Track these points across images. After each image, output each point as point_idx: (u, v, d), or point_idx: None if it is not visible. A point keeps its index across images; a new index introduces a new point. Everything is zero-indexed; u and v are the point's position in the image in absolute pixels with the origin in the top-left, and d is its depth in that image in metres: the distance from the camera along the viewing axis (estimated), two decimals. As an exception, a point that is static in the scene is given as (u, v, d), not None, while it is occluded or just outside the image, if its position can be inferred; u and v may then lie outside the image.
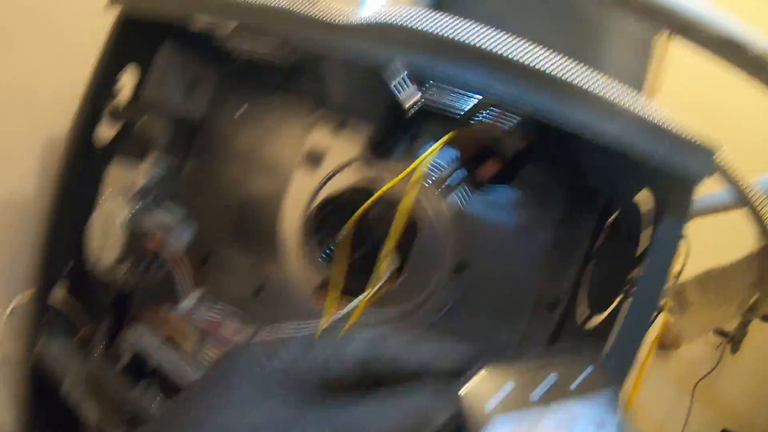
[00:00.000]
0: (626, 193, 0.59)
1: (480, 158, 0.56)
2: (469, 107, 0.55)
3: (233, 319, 0.67)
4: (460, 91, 0.57)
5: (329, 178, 0.68)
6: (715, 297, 0.62)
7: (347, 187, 0.66)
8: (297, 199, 0.69)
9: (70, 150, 0.66)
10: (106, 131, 0.69)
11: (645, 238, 0.55)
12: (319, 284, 0.64)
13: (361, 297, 0.56)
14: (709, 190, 0.53)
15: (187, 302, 0.60)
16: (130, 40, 0.65)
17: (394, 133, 0.67)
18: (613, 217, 0.65)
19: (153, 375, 0.67)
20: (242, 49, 0.66)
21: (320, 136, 0.68)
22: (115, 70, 0.67)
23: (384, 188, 0.53)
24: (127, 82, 0.69)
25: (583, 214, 0.65)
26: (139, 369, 0.66)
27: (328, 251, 0.65)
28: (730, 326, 0.87)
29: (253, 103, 0.76)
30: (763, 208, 0.48)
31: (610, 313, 0.58)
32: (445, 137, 0.51)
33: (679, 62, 0.70)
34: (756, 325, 0.73)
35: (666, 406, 1.02)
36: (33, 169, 0.78)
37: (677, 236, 0.47)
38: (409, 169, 0.51)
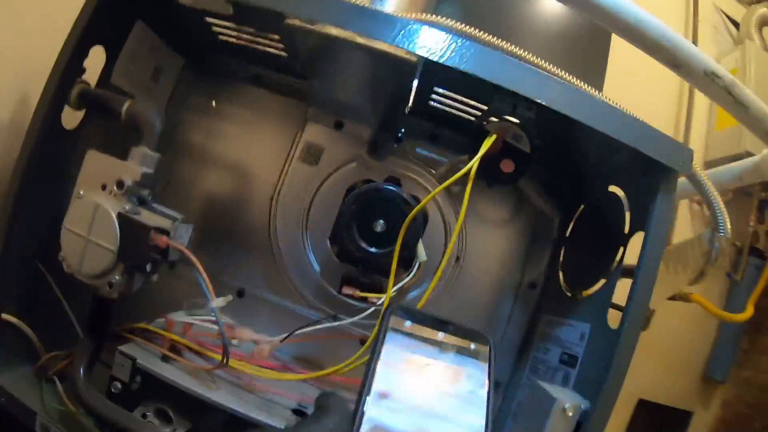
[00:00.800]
0: (600, 189, 0.68)
1: (494, 158, 0.59)
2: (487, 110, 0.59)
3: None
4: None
5: (329, 175, 0.66)
6: (674, 266, 0.73)
7: (350, 185, 0.66)
8: (297, 192, 0.66)
9: (36, 131, 0.56)
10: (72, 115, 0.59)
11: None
12: (343, 280, 0.62)
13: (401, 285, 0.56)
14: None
15: (218, 301, 0.53)
16: (104, 16, 0.57)
17: (383, 133, 0.69)
18: (580, 210, 0.74)
19: (153, 396, 0.59)
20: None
21: (316, 134, 0.66)
22: (86, 47, 0.58)
23: (429, 197, 0.53)
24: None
25: (552, 208, 0.74)
26: (130, 393, 0.58)
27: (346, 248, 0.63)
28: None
29: (225, 95, 0.71)
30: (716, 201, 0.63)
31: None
32: (484, 149, 0.54)
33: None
34: (663, 304, 0.86)
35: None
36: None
37: (669, 211, 0.57)
38: (452, 180, 0.54)
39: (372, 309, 0.58)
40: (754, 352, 1.15)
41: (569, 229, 0.76)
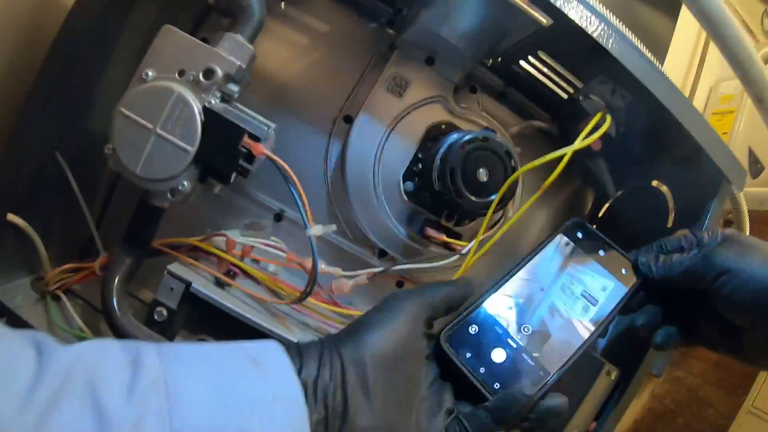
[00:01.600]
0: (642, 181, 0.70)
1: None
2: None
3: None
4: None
5: (413, 110, 0.61)
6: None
7: (432, 125, 0.61)
8: (375, 120, 0.60)
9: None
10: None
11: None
12: (426, 222, 0.57)
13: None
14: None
15: (316, 229, 0.46)
16: None
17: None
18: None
19: (198, 326, 0.51)
20: None
21: (405, 65, 0.60)
22: None
23: (540, 160, 0.51)
24: None
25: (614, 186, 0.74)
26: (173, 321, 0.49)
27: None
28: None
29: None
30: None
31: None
32: (604, 128, 0.53)
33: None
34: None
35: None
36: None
37: (719, 216, 0.61)
38: (573, 148, 0.51)
39: (456, 256, 0.55)
40: (689, 356, 1.26)
41: (602, 211, 0.77)
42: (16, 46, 0.52)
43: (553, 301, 0.42)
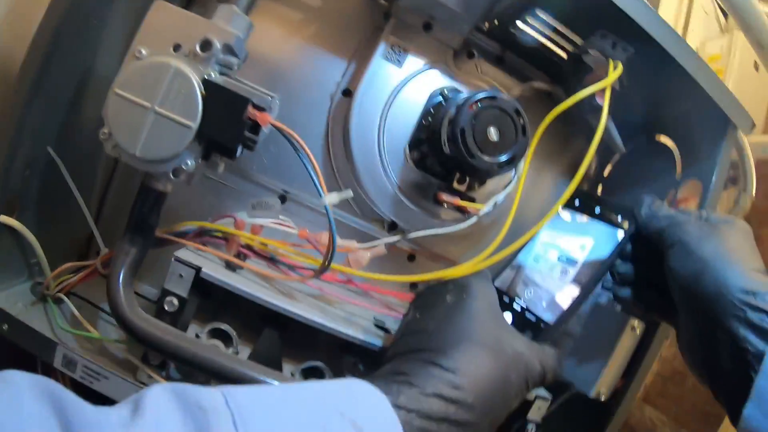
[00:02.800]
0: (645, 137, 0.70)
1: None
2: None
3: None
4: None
5: (413, 78, 0.59)
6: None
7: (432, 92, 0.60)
8: (376, 91, 0.58)
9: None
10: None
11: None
12: (440, 188, 0.56)
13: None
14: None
15: (332, 197, 0.43)
16: None
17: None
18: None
19: (211, 314, 0.49)
20: None
21: (402, 32, 0.58)
22: None
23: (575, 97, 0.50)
24: None
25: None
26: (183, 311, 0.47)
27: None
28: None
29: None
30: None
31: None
32: (614, 76, 0.51)
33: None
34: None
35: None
36: None
37: (728, 163, 0.61)
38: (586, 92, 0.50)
39: (474, 219, 0.53)
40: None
41: (607, 170, 0.76)
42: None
43: (556, 261, 0.48)
